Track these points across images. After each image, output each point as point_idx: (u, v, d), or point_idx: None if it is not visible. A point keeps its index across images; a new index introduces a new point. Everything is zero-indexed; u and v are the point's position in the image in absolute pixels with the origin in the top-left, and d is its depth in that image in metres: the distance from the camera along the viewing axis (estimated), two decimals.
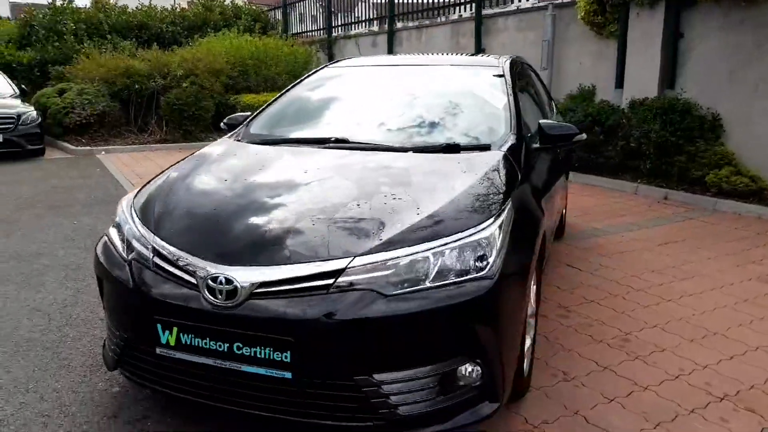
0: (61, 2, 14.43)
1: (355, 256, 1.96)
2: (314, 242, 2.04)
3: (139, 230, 2.30)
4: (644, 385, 2.74)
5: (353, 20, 14.46)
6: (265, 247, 2.06)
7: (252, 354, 1.94)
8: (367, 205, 2.20)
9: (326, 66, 3.79)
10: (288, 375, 1.92)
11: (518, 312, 2.19)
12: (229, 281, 1.94)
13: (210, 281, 1.97)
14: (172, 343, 2.04)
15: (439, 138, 2.84)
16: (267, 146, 2.95)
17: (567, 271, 4.33)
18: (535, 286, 2.70)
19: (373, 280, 1.92)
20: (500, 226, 2.14)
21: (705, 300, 3.78)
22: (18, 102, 9.80)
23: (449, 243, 2.02)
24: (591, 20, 8.09)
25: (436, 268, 1.98)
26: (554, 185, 3.56)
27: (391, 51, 12.54)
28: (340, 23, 14.79)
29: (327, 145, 2.86)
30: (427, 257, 1.98)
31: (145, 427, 2.35)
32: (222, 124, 3.54)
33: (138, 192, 2.62)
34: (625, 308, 3.64)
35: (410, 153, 2.71)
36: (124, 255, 2.27)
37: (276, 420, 2.00)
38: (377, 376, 1.91)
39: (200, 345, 2.00)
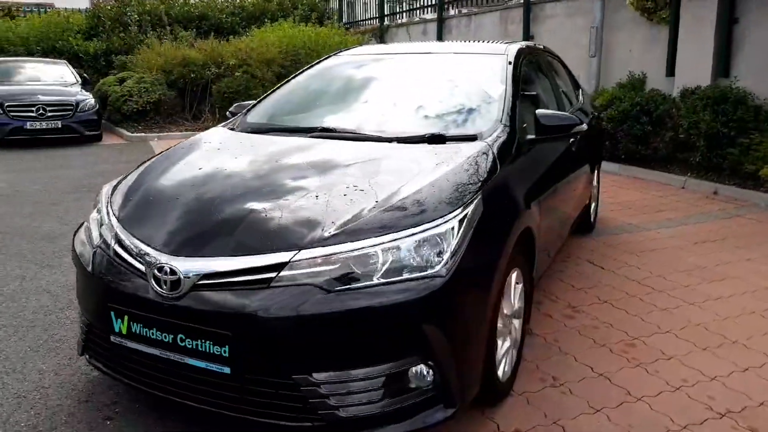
0: None
1: (300, 250, 1.89)
2: (262, 234, 1.99)
3: (106, 217, 2.32)
4: (638, 395, 2.54)
5: (405, 8, 14.28)
6: (212, 238, 2.02)
7: (194, 347, 1.91)
8: (325, 197, 2.13)
9: (332, 55, 3.72)
10: (227, 370, 1.88)
11: (480, 313, 2.06)
12: (173, 272, 1.92)
13: (156, 271, 1.95)
14: (124, 331, 2.05)
15: (428, 128, 2.72)
16: (254, 135, 2.92)
17: (587, 268, 4.10)
18: (520, 285, 2.56)
19: (316, 275, 1.85)
20: (460, 222, 2.02)
21: (731, 305, 3.49)
22: (78, 90, 10.25)
23: (401, 238, 1.92)
24: (641, 5, 7.65)
25: (385, 265, 1.88)
26: (564, 179, 3.36)
27: (440, 38, 12.32)
28: (392, 12, 14.65)
29: (312, 134, 2.79)
30: (376, 253, 1.89)
31: (111, 413, 2.38)
32: (228, 112, 3.53)
33: (119, 180, 2.65)
34: (639, 311, 3.40)
35: (393, 143, 2.61)
36: (93, 242, 2.29)
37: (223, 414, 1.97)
38: (316, 376, 1.83)
39: (148, 335, 1.99)
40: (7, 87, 9.69)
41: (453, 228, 1.99)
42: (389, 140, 2.63)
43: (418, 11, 13.68)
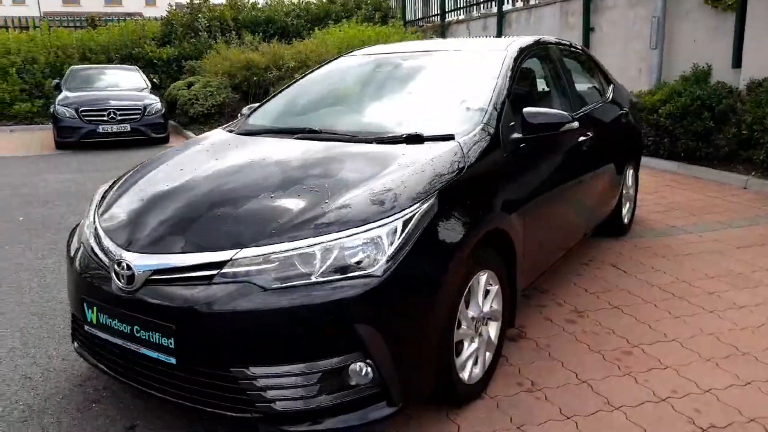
0: (198, 1, 15.70)
1: (242, 248, 1.96)
2: (211, 232, 2.08)
3: (91, 216, 2.48)
4: (617, 405, 2.44)
5: (465, 4, 14.12)
6: (167, 236, 2.12)
7: (147, 338, 2.02)
8: (280, 197, 2.18)
9: (341, 56, 3.78)
10: (173, 360, 1.98)
11: (426, 315, 2.05)
12: (129, 267, 2.04)
13: (116, 266, 2.08)
14: (94, 321, 2.20)
15: (410, 128, 2.71)
16: (246, 137, 3.01)
17: (608, 272, 3.94)
18: (496, 287, 2.52)
19: (255, 273, 1.92)
20: (405, 222, 2.02)
21: (754, 315, 3.25)
22: (146, 94, 10.85)
23: (341, 238, 1.95)
24: None
25: (324, 264, 1.92)
26: (570, 179, 3.25)
27: (500, 33, 12.11)
28: (453, 8, 14.53)
29: (299, 135, 2.85)
30: (314, 252, 1.93)
31: (99, 397, 2.55)
32: (239, 114, 3.67)
33: (114, 180, 2.82)
34: (650, 317, 3.24)
35: (372, 144, 2.62)
36: (80, 238, 2.46)
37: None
38: (253, 370, 1.90)
39: (111, 325, 2.13)
40: (83, 93, 10.41)
41: (396, 229, 2.00)
42: (369, 141, 2.65)
43: (478, 6, 13.49)
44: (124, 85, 11.34)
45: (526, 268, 2.82)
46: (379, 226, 1.99)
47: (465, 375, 2.36)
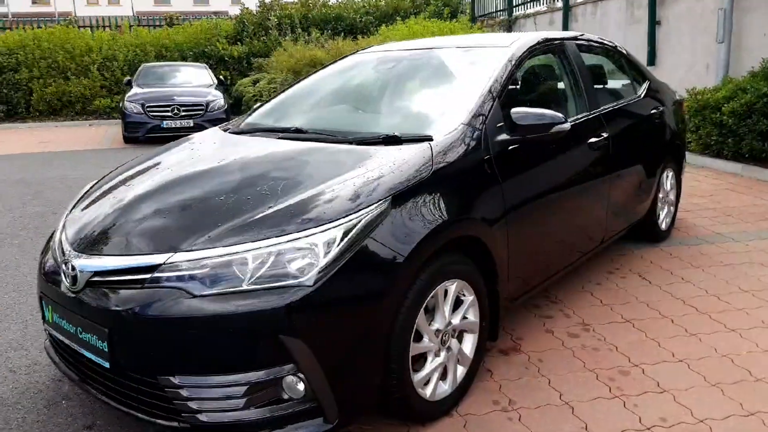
0: (270, 0, 16.10)
1: (175, 252, 1.94)
2: (152, 235, 2.07)
3: (66, 211, 2.56)
4: (594, 430, 2.26)
5: None
6: (112, 238, 2.14)
7: (87, 340, 2.03)
8: (228, 199, 2.16)
9: (351, 54, 3.73)
10: (107, 364, 1.98)
11: (368, 327, 1.96)
12: (74, 267, 2.06)
13: (64, 266, 2.12)
14: (50, 320, 2.25)
15: (393, 128, 2.62)
16: (235, 135, 3.02)
17: (631, 282, 3.69)
18: (470, 297, 2.40)
19: (187, 278, 1.88)
20: (348, 230, 1.95)
21: None
22: (211, 90, 11.22)
23: (274, 245, 1.90)
24: None
25: (258, 271, 1.86)
26: (577, 183, 3.06)
27: (565, 28, 11.63)
28: (520, 2, 14.10)
29: (285, 134, 2.83)
30: (246, 258, 1.88)
31: (71, 393, 2.59)
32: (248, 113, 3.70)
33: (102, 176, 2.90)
34: (661, 334, 3.00)
35: (352, 145, 2.55)
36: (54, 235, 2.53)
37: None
38: (177, 379, 1.87)
39: (62, 325, 2.16)
40: (150, 89, 10.91)
41: (334, 237, 1.93)
42: (348, 141, 2.58)
43: (544, 0, 13.02)
44: (191, 81, 11.78)
45: (515, 277, 2.68)
46: (316, 234, 1.92)
47: (427, 391, 2.26)
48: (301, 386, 1.89)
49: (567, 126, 2.62)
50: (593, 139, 3.18)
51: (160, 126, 10.25)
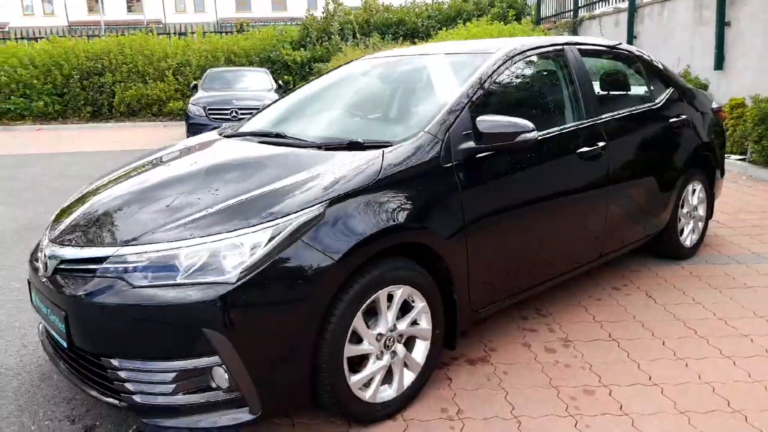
0: (333, 6, 16.43)
1: (122, 246, 2.07)
2: (108, 230, 2.22)
3: (59, 209, 2.76)
4: None
5: None
6: (79, 230, 2.31)
7: (54, 321, 2.22)
8: (181, 198, 2.27)
9: (350, 62, 3.77)
10: (65, 344, 2.15)
11: (288, 327, 2.00)
12: (46, 256, 2.25)
13: (41, 253, 2.31)
14: (33, 303, 2.45)
15: (362, 134, 2.65)
16: (225, 139, 3.12)
17: (635, 300, 3.51)
18: (422, 304, 2.39)
19: (128, 270, 2.01)
20: (277, 231, 2.01)
21: None
22: (270, 94, 11.56)
23: (205, 243, 1.99)
24: None
25: (189, 266, 1.96)
26: (556, 196, 2.95)
27: (630, 30, 11.17)
28: (586, 3, 13.66)
29: (264, 139, 2.92)
30: (180, 254, 1.98)
31: (54, 373, 2.78)
32: None
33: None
34: (646, 356, 2.84)
35: (321, 150, 2.59)
36: None
37: None
38: (116, 362, 2.00)
39: (40, 308, 2.36)
40: (213, 93, 11.39)
41: (262, 237, 1.99)
42: (318, 146, 2.63)
43: (609, 0, 12.55)
44: (252, 86, 12.20)
45: (479, 288, 2.63)
46: (243, 235, 1.99)
47: (367, 393, 2.27)
48: (226, 377, 1.96)
49: (533, 135, 2.54)
50: (584, 149, 3.06)
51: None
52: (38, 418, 2.42)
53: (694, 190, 4.12)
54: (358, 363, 2.27)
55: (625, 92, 3.72)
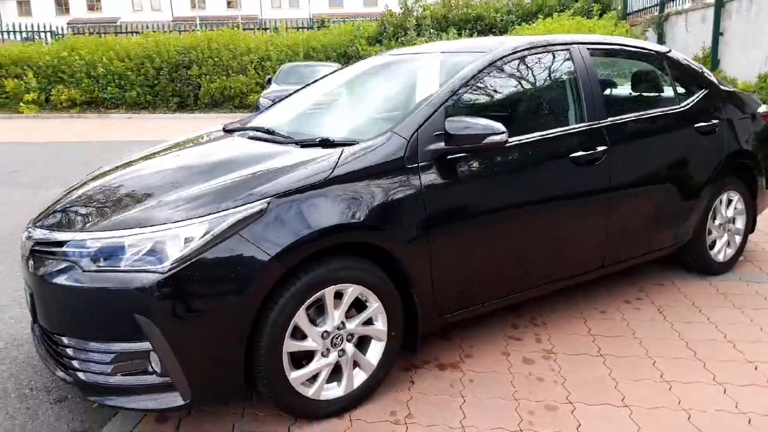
0: (412, 3, 16.44)
1: (80, 232, 2.22)
2: (76, 216, 2.38)
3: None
4: None
5: None
6: (53, 216, 2.48)
7: (28, 297, 2.40)
8: (146, 190, 2.39)
9: (362, 59, 3.79)
10: (32, 320, 2.33)
11: (219, 319, 2.06)
12: (24, 237, 2.44)
13: (25, 234, 2.50)
14: (24, 279, 2.66)
15: (346, 131, 2.70)
16: (222, 133, 3.23)
17: (643, 314, 3.30)
18: (376, 304, 2.39)
19: (81, 255, 2.13)
20: (212, 225, 2.07)
21: None
22: None
23: (145, 233, 2.08)
24: None
25: (132, 255, 2.06)
26: (546, 201, 2.83)
27: (717, 26, 10.41)
28: None
29: (252, 133, 2.99)
30: (123, 243, 2.09)
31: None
32: None
33: None
34: (630, 375, 2.68)
35: (294, 146, 2.63)
36: None
37: None
38: (66, 339, 2.15)
39: (25, 283, 2.56)
40: (284, 87, 11.75)
41: (196, 232, 2.05)
42: (296, 143, 2.67)
43: None
44: None
45: (446, 292, 2.59)
46: (180, 227, 2.06)
47: (310, 390, 2.30)
48: (159, 362, 2.05)
49: (501, 138, 2.45)
50: (579, 154, 2.91)
51: None
52: (21, 386, 2.64)
53: (729, 201, 3.81)
54: (305, 359, 2.30)
55: (645, 94, 3.50)
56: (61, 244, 2.22)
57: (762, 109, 4.08)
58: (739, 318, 3.26)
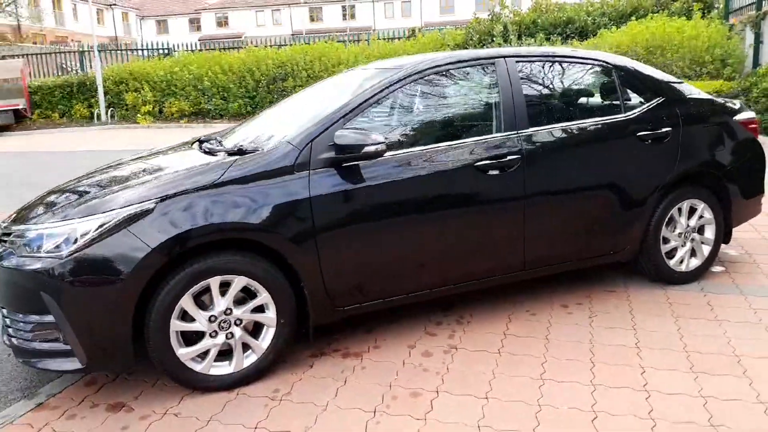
0: (499, 9, 16.39)
1: (24, 224, 2.77)
2: (32, 211, 2.90)
3: None
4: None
5: None
6: (23, 210, 3.05)
7: None
8: (86, 191, 2.92)
9: (350, 69, 4.08)
10: None
11: (104, 300, 2.52)
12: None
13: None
14: None
15: (267, 140, 3.11)
16: (192, 145, 3.74)
17: (571, 319, 3.38)
18: (265, 294, 2.76)
19: (22, 242, 2.68)
20: (103, 224, 2.55)
21: (695, 408, 2.53)
22: None
23: (55, 227, 2.61)
24: None
25: (47, 244, 2.58)
26: (452, 206, 3.06)
27: None
28: None
29: (207, 147, 3.45)
30: (44, 234, 2.62)
31: None
32: None
33: None
34: (509, 371, 2.83)
35: (221, 155, 3.06)
36: None
37: None
38: (5, 311, 2.73)
39: None
40: None
41: (90, 226, 2.55)
42: (229, 152, 3.07)
43: None
44: None
45: (339, 287, 2.91)
46: (80, 223, 2.58)
47: (200, 366, 2.72)
48: (60, 332, 2.58)
49: (376, 148, 2.74)
50: (484, 162, 3.09)
51: None
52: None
53: (693, 209, 3.73)
54: (197, 338, 2.73)
55: (586, 104, 3.56)
56: (10, 233, 2.80)
57: (743, 116, 3.92)
58: (665, 327, 3.24)
